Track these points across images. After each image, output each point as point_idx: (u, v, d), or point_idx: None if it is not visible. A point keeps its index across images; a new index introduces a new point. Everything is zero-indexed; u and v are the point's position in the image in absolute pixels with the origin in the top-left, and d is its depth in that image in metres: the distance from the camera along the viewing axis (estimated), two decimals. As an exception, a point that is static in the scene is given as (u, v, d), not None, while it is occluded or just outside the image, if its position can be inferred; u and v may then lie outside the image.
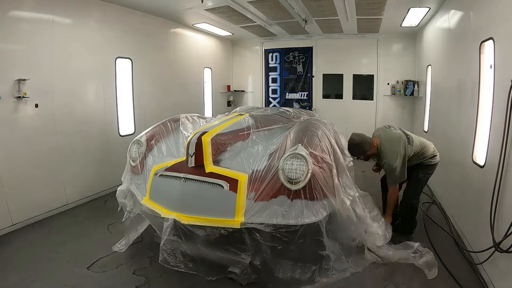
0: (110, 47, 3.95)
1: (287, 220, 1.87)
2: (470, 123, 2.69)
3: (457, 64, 3.25)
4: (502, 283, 1.95)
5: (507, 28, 2.06)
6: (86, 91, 3.72)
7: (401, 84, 5.76)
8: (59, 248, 2.64)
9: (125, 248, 2.53)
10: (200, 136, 2.18)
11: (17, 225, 2.97)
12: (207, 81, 6.29)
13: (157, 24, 4.77)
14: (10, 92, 2.86)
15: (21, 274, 2.26)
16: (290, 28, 5.62)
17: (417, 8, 4.01)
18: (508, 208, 1.89)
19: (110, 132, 4.02)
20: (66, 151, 3.45)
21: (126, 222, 2.52)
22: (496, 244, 1.91)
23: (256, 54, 6.90)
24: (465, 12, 3.01)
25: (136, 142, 2.62)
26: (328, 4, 4.07)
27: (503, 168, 1.94)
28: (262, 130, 2.54)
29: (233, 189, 1.95)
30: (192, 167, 2.12)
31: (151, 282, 2.20)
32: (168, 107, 4.75)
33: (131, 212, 2.43)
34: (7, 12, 2.83)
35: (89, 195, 3.76)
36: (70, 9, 3.40)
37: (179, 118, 2.95)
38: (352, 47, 6.06)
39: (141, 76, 4.45)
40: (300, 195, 1.93)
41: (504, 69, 2.10)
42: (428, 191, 4.13)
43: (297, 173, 1.93)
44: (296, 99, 6.72)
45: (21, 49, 2.97)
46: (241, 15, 4.60)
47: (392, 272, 2.33)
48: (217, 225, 1.93)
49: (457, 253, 2.61)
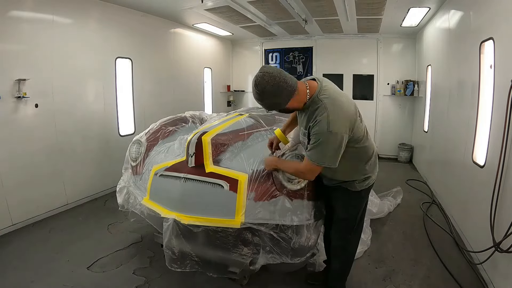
0: (110, 47, 3.95)
1: (287, 220, 1.87)
2: (470, 123, 2.69)
3: (457, 64, 3.25)
4: (502, 283, 1.95)
5: (507, 28, 2.06)
6: (86, 91, 3.71)
7: (401, 84, 5.76)
8: (59, 248, 2.64)
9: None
10: (200, 136, 2.18)
11: (17, 225, 2.97)
12: (207, 81, 6.29)
13: (157, 24, 4.77)
14: (10, 92, 2.86)
15: (21, 274, 2.26)
16: (290, 28, 5.62)
17: (417, 8, 4.01)
18: (508, 208, 1.89)
19: (110, 132, 4.02)
20: (66, 151, 3.45)
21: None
22: (496, 244, 1.91)
23: (256, 54, 6.90)
24: (465, 12, 3.01)
25: (136, 142, 2.62)
26: (328, 4, 4.06)
27: (503, 168, 1.94)
28: (262, 130, 2.53)
29: (233, 189, 1.95)
30: (192, 167, 2.12)
31: (151, 282, 2.20)
32: (168, 107, 4.75)
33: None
34: (7, 12, 2.83)
35: (89, 195, 3.77)
36: (70, 9, 3.40)
37: (185, 116, 2.98)
38: (352, 47, 6.05)
39: (141, 76, 4.45)
40: (300, 195, 1.93)
41: (504, 69, 2.10)
42: (428, 191, 4.14)
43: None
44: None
45: (21, 49, 2.97)
46: (241, 15, 4.60)
47: (392, 272, 2.33)
48: (217, 225, 1.93)
49: (457, 253, 2.61)
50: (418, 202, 3.73)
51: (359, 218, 1.91)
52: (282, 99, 1.52)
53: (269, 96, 1.50)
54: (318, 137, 1.52)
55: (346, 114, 1.55)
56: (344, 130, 1.52)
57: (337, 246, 1.97)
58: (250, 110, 3.57)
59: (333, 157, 1.55)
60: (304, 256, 1.95)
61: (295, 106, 1.60)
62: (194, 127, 2.85)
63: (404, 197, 3.71)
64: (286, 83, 1.49)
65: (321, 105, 1.53)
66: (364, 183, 1.79)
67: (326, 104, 1.52)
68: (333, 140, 1.51)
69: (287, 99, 1.53)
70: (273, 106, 1.56)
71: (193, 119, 3.01)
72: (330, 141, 1.50)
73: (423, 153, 5.00)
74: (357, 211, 1.87)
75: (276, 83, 1.47)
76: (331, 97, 1.56)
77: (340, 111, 1.53)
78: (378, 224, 3.08)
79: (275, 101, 1.52)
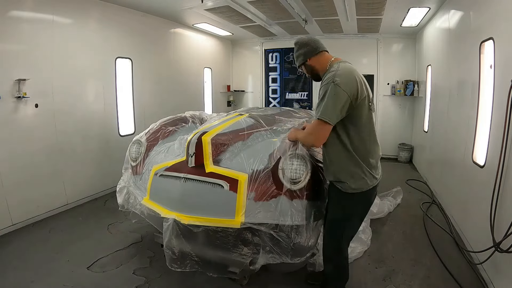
0: (110, 47, 3.95)
1: (287, 220, 1.87)
2: (470, 123, 2.69)
3: (457, 64, 3.25)
4: (502, 283, 1.95)
5: (507, 28, 2.06)
6: (86, 91, 3.71)
7: (401, 84, 5.77)
8: (59, 248, 2.64)
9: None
10: (200, 136, 2.18)
11: (17, 225, 2.97)
12: (207, 81, 6.29)
13: (157, 24, 4.77)
14: (10, 92, 2.86)
15: (21, 274, 2.26)
16: (290, 28, 5.62)
17: (417, 8, 4.01)
18: (508, 208, 1.89)
19: (110, 132, 4.02)
20: (66, 151, 3.45)
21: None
22: (496, 244, 1.91)
23: (256, 54, 6.90)
24: (465, 12, 3.01)
25: (136, 142, 2.62)
26: (328, 4, 4.06)
27: (503, 168, 1.94)
28: (262, 130, 2.53)
29: (233, 189, 1.95)
30: (192, 167, 2.12)
31: (151, 282, 2.20)
32: (168, 107, 4.74)
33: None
34: (7, 12, 2.83)
35: (89, 195, 3.77)
36: (70, 9, 3.40)
37: (185, 116, 2.98)
38: (352, 47, 6.05)
39: (141, 76, 4.45)
40: (300, 195, 1.93)
41: (504, 69, 2.10)
42: (428, 191, 4.14)
43: (297, 173, 1.92)
44: (296, 99, 6.72)
45: (21, 49, 2.97)
46: (241, 15, 4.60)
47: (392, 272, 2.33)
48: (217, 225, 1.93)
49: (457, 253, 2.61)
50: (418, 202, 3.73)
51: (350, 221, 1.80)
52: (306, 52, 1.82)
53: (297, 47, 1.88)
54: (323, 89, 1.61)
55: (354, 78, 1.61)
56: (348, 89, 1.56)
57: (327, 248, 1.90)
58: (250, 110, 3.57)
59: (334, 111, 1.56)
60: (304, 256, 1.95)
61: (316, 66, 1.82)
62: (194, 127, 2.85)
63: (404, 197, 3.72)
64: (315, 43, 1.83)
65: (334, 68, 1.67)
66: (356, 184, 1.67)
67: (338, 67, 1.65)
68: (335, 92, 1.55)
69: (310, 54, 1.81)
70: (298, 57, 1.88)
71: (193, 119, 3.01)
72: (332, 93, 1.56)
73: (423, 153, 5.00)
74: (346, 213, 1.76)
75: (306, 40, 1.85)
76: (347, 64, 1.71)
77: (349, 74, 1.61)
78: (378, 224, 3.08)
79: (300, 51, 1.85)
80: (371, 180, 1.70)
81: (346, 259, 1.91)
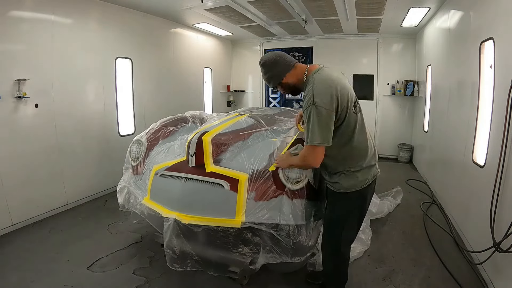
0: (110, 47, 3.95)
1: (287, 220, 1.87)
2: (470, 123, 2.69)
3: (457, 64, 3.25)
4: (502, 283, 1.95)
5: (507, 28, 2.07)
6: (86, 91, 3.71)
7: (401, 84, 5.77)
8: (59, 248, 2.64)
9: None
10: (201, 136, 2.18)
11: (17, 225, 2.97)
12: (207, 81, 6.29)
13: (157, 24, 4.77)
14: (10, 92, 2.86)
15: (21, 274, 2.26)
16: (290, 28, 5.62)
17: (417, 8, 4.02)
18: (508, 208, 1.89)
19: (110, 132, 4.02)
20: (66, 151, 3.44)
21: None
22: (496, 244, 1.91)
23: (256, 54, 6.89)
24: (465, 12, 3.02)
25: (137, 142, 2.62)
26: (328, 4, 4.07)
27: (503, 168, 1.94)
28: (262, 130, 2.53)
29: (233, 189, 1.95)
30: (192, 167, 2.12)
31: (151, 282, 2.20)
32: (168, 107, 4.75)
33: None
34: (7, 12, 2.83)
35: (89, 195, 3.77)
36: (70, 9, 3.40)
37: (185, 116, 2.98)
38: (352, 47, 6.06)
39: (141, 76, 4.45)
40: (300, 195, 1.93)
41: (504, 69, 2.10)
42: (428, 191, 4.14)
43: (297, 173, 1.94)
44: (296, 99, 6.72)
45: (21, 49, 2.96)
46: (241, 15, 4.60)
47: (392, 272, 2.33)
48: (218, 224, 1.93)
49: (457, 253, 2.61)
50: (418, 202, 3.74)
51: (348, 221, 1.79)
52: (280, 71, 1.70)
53: (267, 68, 1.72)
54: (306, 113, 1.55)
55: (331, 91, 1.52)
56: (329, 105, 1.50)
57: (326, 248, 1.91)
58: (250, 110, 3.57)
59: (322, 134, 1.51)
60: (304, 255, 1.95)
61: (293, 81, 1.72)
62: (194, 127, 2.85)
63: (404, 197, 3.72)
64: (284, 59, 1.70)
65: (312, 80, 1.59)
66: (348, 183, 1.68)
67: (314, 81, 1.57)
68: (318, 114, 1.50)
69: (284, 73, 1.70)
70: (272, 78, 1.73)
71: (193, 119, 3.01)
72: (315, 115, 1.50)
73: (423, 153, 5.00)
74: (343, 213, 1.76)
75: (274, 58, 1.70)
76: (322, 74, 1.61)
77: (326, 88, 1.53)
78: (378, 224, 3.09)
79: (273, 73, 1.71)
80: (364, 178, 1.70)
81: (347, 260, 1.91)
